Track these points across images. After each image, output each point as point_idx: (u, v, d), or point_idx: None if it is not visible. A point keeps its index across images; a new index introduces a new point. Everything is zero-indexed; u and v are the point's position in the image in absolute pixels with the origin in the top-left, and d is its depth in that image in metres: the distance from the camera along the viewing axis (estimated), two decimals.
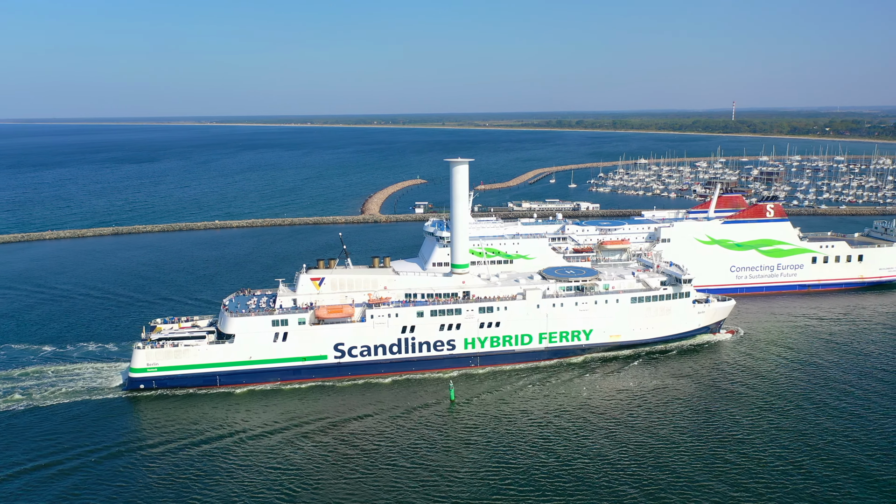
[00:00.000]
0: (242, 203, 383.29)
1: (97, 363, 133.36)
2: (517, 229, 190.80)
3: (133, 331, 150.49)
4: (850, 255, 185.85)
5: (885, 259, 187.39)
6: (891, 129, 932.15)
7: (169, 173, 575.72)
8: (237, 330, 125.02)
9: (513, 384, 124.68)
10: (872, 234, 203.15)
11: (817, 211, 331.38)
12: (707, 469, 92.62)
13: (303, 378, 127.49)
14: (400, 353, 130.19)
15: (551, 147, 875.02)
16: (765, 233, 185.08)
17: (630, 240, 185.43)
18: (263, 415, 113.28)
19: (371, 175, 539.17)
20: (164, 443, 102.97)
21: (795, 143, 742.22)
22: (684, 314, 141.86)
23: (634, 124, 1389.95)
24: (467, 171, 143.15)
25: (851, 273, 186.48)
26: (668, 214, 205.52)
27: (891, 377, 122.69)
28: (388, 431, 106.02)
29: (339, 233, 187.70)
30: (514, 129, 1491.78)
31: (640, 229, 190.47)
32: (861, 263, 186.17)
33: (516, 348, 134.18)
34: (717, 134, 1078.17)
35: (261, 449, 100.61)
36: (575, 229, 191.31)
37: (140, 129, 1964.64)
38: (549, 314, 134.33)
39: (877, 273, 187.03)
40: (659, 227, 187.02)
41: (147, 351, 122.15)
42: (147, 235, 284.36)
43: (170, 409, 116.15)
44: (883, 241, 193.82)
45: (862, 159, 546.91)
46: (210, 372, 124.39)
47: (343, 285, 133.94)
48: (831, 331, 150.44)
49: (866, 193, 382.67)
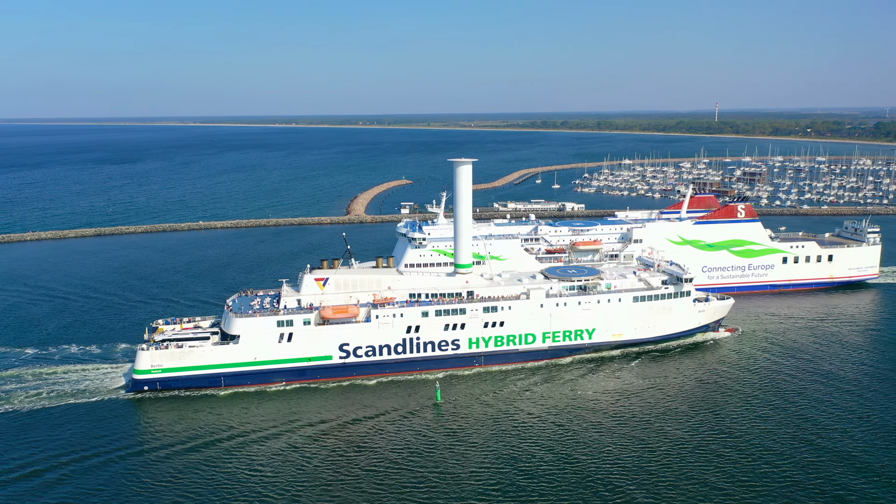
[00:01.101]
0: (227, 204, 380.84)
1: (86, 365, 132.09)
2: (489, 230, 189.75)
3: (127, 332, 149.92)
4: (820, 255, 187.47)
5: (854, 259, 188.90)
6: (871, 131, 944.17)
7: (151, 174, 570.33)
8: (242, 331, 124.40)
9: (514, 383, 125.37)
10: (843, 234, 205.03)
11: (799, 211, 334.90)
12: (717, 469, 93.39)
13: (308, 379, 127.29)
14: (405, 354, 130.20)
15: (536, 148, 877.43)
16: (736, 233, 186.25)
17: (602, 240, 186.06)
18: (268, 416, 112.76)
19: (356, 176, 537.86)
20: (171, 445, 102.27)
21: (778, 143, 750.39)
22: (685, 313, 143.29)
23: (619, 125, 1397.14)
24: (471, 171, 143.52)
25: (821, 273, 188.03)
26: (642, 215, 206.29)
27: (881, 371, 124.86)
28: (393, 432, 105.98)
29: (343, 233, 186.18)
30: (500, 129, 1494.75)
31: (612, 230, 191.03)
32: (831, 263, 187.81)
33: (520, 348, 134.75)
34: (700, 135, 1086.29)
35: (267, 451, 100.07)
36: (547, 230, 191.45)
37: (121, 129, 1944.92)
38: (553, 314, 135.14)
39: (846, 273, 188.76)
40: (631, 227, 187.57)
41: (151, 352, 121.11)
42: (131, 236, 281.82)
43: (174, 410, 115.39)
44: (853, 241, 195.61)
45: (843, 160, 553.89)
46: (215, 373, 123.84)
47: (347, 285, 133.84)
48: (827, 329, 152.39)
49: (847, 194, 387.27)
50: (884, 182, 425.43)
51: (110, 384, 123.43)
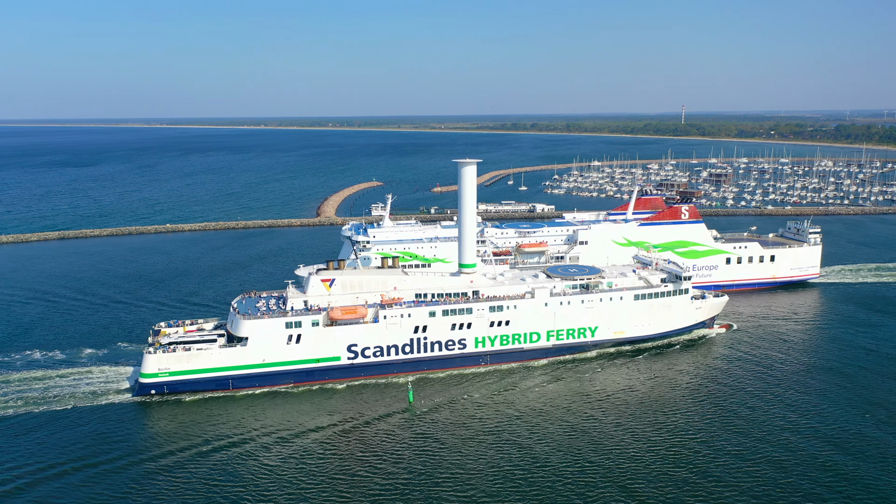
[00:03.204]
0: (195, 207, 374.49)
1: (74, 369, 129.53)
2: (436, 233, 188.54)
3: (90, 337, 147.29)
4: (763, 255, 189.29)
5: (796, 259, 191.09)
6: (832, 133, 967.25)
7: (114, 177, 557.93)
8: (250, 332, 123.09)
9: (520, 382, 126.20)
10: (786, 234, 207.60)
11: (764, 211, 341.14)
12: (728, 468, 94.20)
13: (316, 380, 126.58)
14: (412, 353, 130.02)
15: (507, 150, 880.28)
16: (680, 234, 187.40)
17: (548, 242, 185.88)
18: (277, 419, 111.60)
19: (325, 178, 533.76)
20: (181, 450, 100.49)
21: (743, 145, 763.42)
22: (684, 310, 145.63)
23: (588, 127, 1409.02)
24: (475, 172, 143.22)
25: (764, 273, 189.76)
26: (589, 217, 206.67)
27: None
28: (398, 432, 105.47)
29: (348, 233, 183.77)
30: (471, 131, 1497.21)
31: (558, 232, 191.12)
32: (773, 264, 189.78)
33: (525, 346, 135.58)
34: (667, 137, 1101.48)
35: (278, 456, 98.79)
36: (494, 232, 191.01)
37: (83, 131, 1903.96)
38: (557, 312, 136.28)
39: (788, 273, 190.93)
40: (577, 229, 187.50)
41: (159, 356, 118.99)
42: (95, 240, 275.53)
43: (183, 414, 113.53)
44: (795, 241, 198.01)
45: (805, 161, 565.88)
46: (223, 376, 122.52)
47: (353, 286, 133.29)
48: (817, 325, 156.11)
49: (810, 194, 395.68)
50: (844, 182, 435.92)
51: (110, 387, 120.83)
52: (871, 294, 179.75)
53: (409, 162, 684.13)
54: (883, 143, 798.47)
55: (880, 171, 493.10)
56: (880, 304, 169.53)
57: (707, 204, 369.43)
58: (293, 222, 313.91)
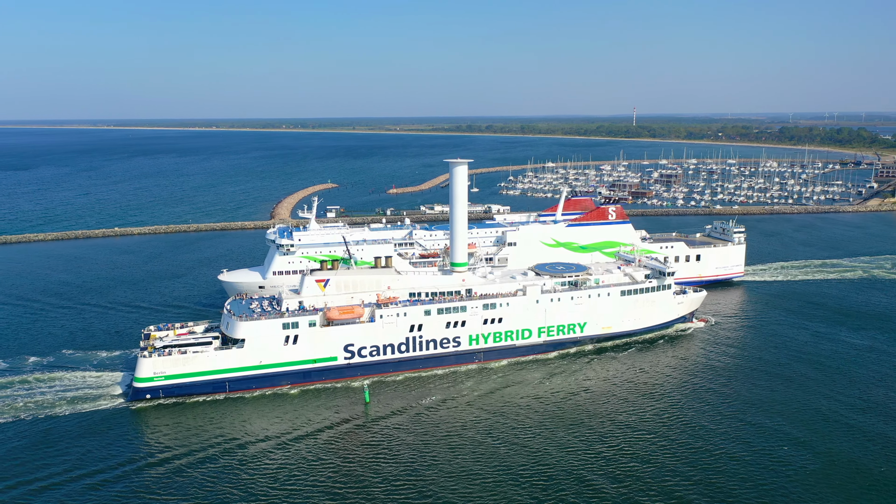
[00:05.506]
0: (143, 210, 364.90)
1: (56, 373, 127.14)
2: (363, 235, 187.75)
3: (96, 339, 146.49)
4: (689, 255, 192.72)
5: (720, 258, 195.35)
6: (776, 135, 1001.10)
7: (51, 180, 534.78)
8: (247, 334, 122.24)
9: (514, 379, 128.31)
10: (712, 234, 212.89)
11: (713, 211, 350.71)
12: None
13: (313, 380, 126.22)
14: (408, 352, 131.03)
15: (462, 151, 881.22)
16: (607, 235, 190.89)
17: (477, 244, 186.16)
18: (276, 420, 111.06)
19: (279, 180, 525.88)
20: (182, 456, 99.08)
21: (692, 147, 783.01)
22: (667, 305, 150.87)
23: (542, 129, 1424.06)
24: (466, 172, 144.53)
25: (691, 272, 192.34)
26: (520, 218, 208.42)
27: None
28: (400, 433, 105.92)
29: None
30: (426, 133, 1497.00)
31: (487, 233, 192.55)
32: (699, 263, 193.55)
33: (517, 343, 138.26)
34: (619, 139, 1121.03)
35: (277, 460, 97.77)
36: (422, 234, 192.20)
37: (15, 132, 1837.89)
38: (547, 309, 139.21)
39: (713, 272, 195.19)
40: (506, 230, 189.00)
41: (153, 359, 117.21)
42: (40, 244, 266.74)
43: (179, 418, 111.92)
44: (720, 240, 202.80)
45: (751, 162, 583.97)
46: (219, 378, 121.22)
47: (348, 286, 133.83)
48: (799, 316, 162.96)
49: (756, 194, 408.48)
50: (788, 182, 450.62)
51: (101, 392, 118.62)
52: (793, 291, 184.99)
53: (364, 164, 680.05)
54: (824, 144, 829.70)
55: (822, 172, 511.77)
56: (802, 303, 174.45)
57: (658, 204, 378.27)
58: (247, 224, 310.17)
